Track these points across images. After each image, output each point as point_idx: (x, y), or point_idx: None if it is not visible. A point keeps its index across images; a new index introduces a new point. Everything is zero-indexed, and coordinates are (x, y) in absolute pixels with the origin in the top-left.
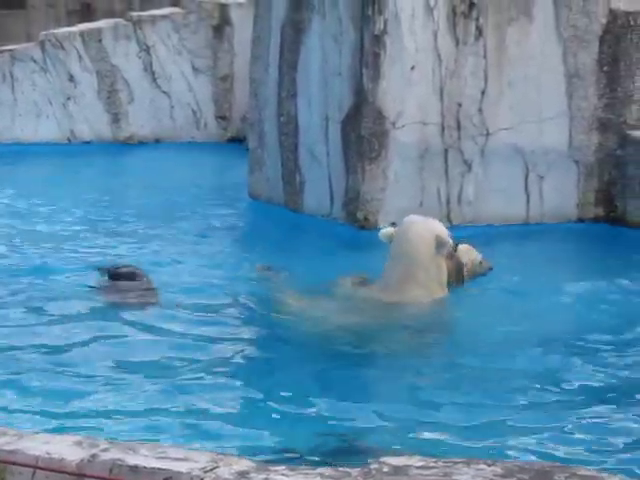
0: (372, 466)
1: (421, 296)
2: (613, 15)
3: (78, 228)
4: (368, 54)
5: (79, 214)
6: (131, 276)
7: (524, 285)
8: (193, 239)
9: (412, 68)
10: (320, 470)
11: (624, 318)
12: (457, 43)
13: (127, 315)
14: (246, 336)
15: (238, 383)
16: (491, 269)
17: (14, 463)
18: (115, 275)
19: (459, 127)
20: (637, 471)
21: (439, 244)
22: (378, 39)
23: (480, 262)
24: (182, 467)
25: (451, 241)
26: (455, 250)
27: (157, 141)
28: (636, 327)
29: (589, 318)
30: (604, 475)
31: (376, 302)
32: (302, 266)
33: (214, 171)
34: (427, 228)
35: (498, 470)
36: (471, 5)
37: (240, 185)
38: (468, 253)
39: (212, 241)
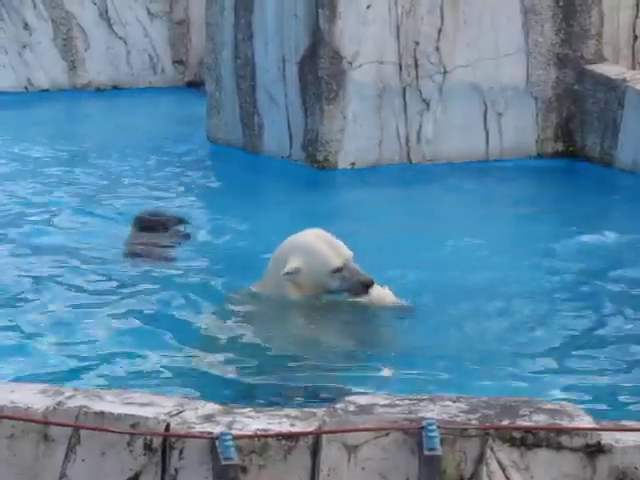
0: (338, 405)
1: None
2: None
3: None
4: None
5: (43, 161)
6: (157, 226)
7: (483, 221)
8: (152, 185)
9: (368, 7)
10: (286, 411)
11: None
12: None
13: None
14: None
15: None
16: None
17: None
18: (141, 225)
19: (416, 66)
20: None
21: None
22: None
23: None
24: (148, 412)
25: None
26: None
27: (115, 87)
28: (593, 262)
29: (548, 255)
30: (569, 409)
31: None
32: (264, 208)
33: (172, 116)
34: (286, 247)
35: (463, 406)
36: None
37: (199, 129)
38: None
39: (171, 186)
